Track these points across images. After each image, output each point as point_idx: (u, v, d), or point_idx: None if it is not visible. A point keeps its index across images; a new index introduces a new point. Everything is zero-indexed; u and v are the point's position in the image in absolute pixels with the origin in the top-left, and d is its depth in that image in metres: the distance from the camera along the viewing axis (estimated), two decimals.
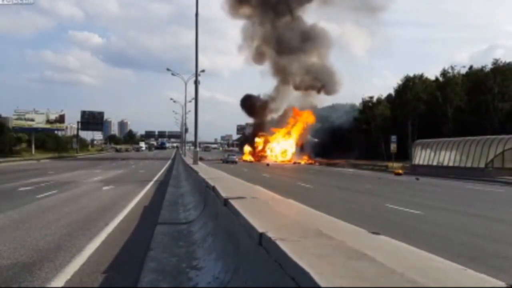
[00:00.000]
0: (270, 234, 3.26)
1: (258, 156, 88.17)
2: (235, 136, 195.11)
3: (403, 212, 15.18)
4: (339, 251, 2.82)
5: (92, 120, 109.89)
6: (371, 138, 76.72)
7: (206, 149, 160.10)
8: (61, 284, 5.20)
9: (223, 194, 6.54)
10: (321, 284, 2.06)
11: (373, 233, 3.60)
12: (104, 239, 7.81)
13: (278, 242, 2.97)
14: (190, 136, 67.11)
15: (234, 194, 6.65)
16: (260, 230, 3.47)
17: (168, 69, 53.80)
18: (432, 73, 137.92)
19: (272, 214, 4.88)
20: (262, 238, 3.35)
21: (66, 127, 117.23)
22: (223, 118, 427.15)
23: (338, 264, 2.49)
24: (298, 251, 2.74)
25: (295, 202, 6.24)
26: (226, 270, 4.72)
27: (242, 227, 4.34)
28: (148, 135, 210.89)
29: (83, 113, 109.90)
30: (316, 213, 5.10)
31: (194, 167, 20.22)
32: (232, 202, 5.53)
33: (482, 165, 41.25)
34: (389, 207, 16.37)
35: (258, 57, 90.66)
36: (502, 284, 2.20)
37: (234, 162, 66.51)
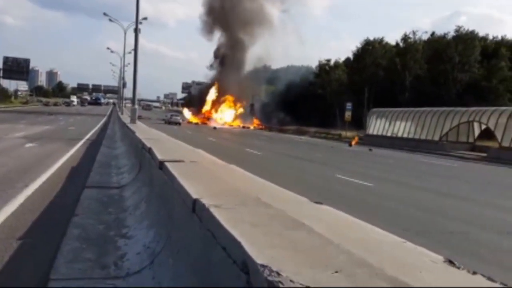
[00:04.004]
0: (204, 200, 3.25)
1: (205, 118, 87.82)
2: (180, 95, 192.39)
3: (353, 183, 15.62)
4: (276, 220, 2.85)
5: (16, 67, 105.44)
6: (326, 104, 77.65)
7: (147, 107, 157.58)
8: None
9: (159, 156, 6.46)
10: (252, 254, 2.07)
11: (316, 202, 3.66)
12: (22, 202, 7.57)
13: (212, 209, 2.97)
14: (128, 92, 65.85)
15: (171, 157, 6.58)
16: (194, 196, 3.45)
17: (105, 14, 51.73)
18: (393, 37, 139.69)
19: (211, 180, 4.87)
20: (195, 205, 3.33)
21: None
22: (168, 75, 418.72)
23: (274, 233, 2.52)
24: (232, 219, 2.75)
25: (237, 168, 6.25)
26: (158, 240, 4.69)
27: (177, 192, 4.31)
28: (81, 88, 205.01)
29: (6, 59, 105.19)
30: (258, 180, 5.14)
31: (132, 126, 19.88)
32: (168, 165, 5.48)
33: (436, 137, 42.73)
34: (339, 178, 16.79)
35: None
36: (441, 258, 2.28)
37: (177, 123, 65.91)
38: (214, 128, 66.12)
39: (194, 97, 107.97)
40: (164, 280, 3.71)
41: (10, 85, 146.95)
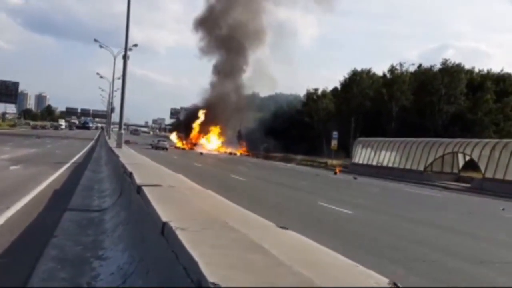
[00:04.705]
0: (173, 223, 3.39)
1: (192, 143, 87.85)
2: (169, 121, 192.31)
3: (334, 210, 15.79)
4: (238, 243, 3.00)
5: (4, 90, 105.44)
6: (313, 133, 78.04)
7: (135, 132, 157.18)
8: None
9: (138, 181, 6.60)
10: (206, 274, 2.22)
11: (281, 227, 3.81)
12: (2, 223, 7.64)
13: (178, 232, 3.11)
14: (117, 117, 65.80)
15: (151, 181, 6.72)
16: (164, 219, 3.60)
17: (95, 40, 52.23)
18: (381, 68, 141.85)
19: (184, 204, 5.02)
20: (164, 228, 3.48)
21: None
22: (156, 100, 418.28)
23: (232, 255, 2.67)
24: (195, 241, 2.89)
25: (213, 193, 6.39)
26: (131, 261, 4.81)
27: (150, 216, 4.45)
28: (70, 112, 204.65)
29: None
30: (231, 205, 5.29)
31: (117, 150, 19.96)
32: (145, 189, 5.61)
33: (421, 168, 43.02)
34: (321, 205, 16.93)
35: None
36: (385, 280, 2.43)
37: (164, 148, 65.85)
38: (201, 153, 66.09)
39: (182, 122, 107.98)
40: None
41: None
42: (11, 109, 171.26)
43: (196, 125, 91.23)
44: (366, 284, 2.39)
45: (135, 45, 47.84)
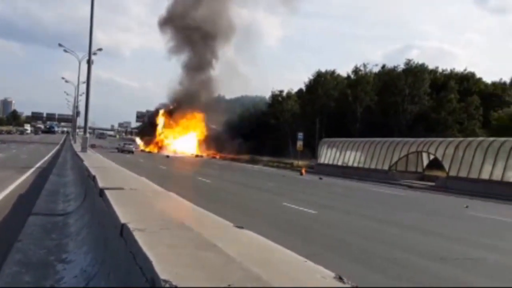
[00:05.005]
0: (131, 225, 3.49)
1: (158, 146, 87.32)
2: (134, 124, 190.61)
3: (298, 210, 15.98)
4: (192, 242, 3.12)
5: None
6: (279, 134, 78.55)
7: (101, 136, 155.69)
8: None
9: (101, 184, 6.65)
10: (158, 272, 2.34)
11: (237, 227, 3.94)
12: None
13: (135, 233, 3.21)
14: (83, 121, 64.96)
15: (113, 184, 6.78)
16: (123, 221, 3.69)
17: (60, 45, 51.32)
18: (345, 70, 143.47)
19: (144, 206, 5.10)
20: (123, 229, 3.57)
21: None
22: (122, 103, 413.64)
23: (186, 254, 2.79)
24: (151, 241, 3.00)
25: (175, 195, 6.48)
26: (94, 263, 4.88)
27: (112, 218, 4.52)
28: (36, 116, 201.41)
29: None
30: (191, 207, 5.39)
31: (82, 154, 19.79)
32: (107, 192, 5.66)
33: (386, 167, 43.67)
34: (285, 206, 17.11)
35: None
36: (332, 274, 2.58)
37: (130, 151, 65.51)
38: (167, 156, 65.76)
39: (147, 125, 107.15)
40: None
41: None
42: None
43: (159, 127, 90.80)
44: (312, 277, 2.54)
45: (100, 49, 47.64)
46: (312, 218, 14.71)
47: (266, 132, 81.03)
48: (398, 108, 67.92)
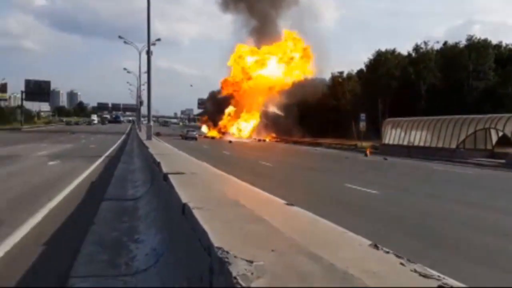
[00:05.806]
0: (191, 204, 3.94)
1: (221, 132, 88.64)
2: (197, 111, 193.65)
3: (359, 191, 16.06)
4: (244, 217, 3.54)
5: (37, 90, 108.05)
6: (341, 116, 77.95)
7: (165, 124, 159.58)
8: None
9: (165, 169, 7.19)
10: (213, 241, 2.76)
11: (288, 204, 4.33)
12: (46, 214, 8.37)
13: (194, 211, 3.66)
14: (146, 110, 66.94)
15: (176, 170, 7.31)
16: (184, 201, 4.16)
17: (120, 37, 53.16)
18: (405, 49, 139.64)
19: (203, 188, 5.57)
20: (184, 208, 4.03)
21: (9, 97, 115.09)
22: (184, 91, 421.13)
23: (237, 227, 3.20)
24: (208, 217, 3.43)
25: (233, 178, 6.94)
26: (163, 242, 5.41)
27: (174, 199, 5.02)
28: (101, 107, 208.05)
29: (28, 82, 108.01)
30: (247, 187, 5.83)
31: (147, 142, 20.72)
32: (171, 177, 6.18)
33: (453, 145, 42.45)
34: (347, 187, 17.26)
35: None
36: (368, 242, 2.91)
37: (194, 138, 66.88)
38: (230, 141, 66.70)
39: (210, 111, 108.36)
40: (166, 276, 4.41)
41: (33, 106, 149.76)
42: (45, 107, 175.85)
43: (225, 113, 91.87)
44: (349, 244, 2.89)
45: (158, 40, 48.95)
46: (372, 197, 14.80)
47: (328, 114, 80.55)
48: (463, 85, 65.87)
